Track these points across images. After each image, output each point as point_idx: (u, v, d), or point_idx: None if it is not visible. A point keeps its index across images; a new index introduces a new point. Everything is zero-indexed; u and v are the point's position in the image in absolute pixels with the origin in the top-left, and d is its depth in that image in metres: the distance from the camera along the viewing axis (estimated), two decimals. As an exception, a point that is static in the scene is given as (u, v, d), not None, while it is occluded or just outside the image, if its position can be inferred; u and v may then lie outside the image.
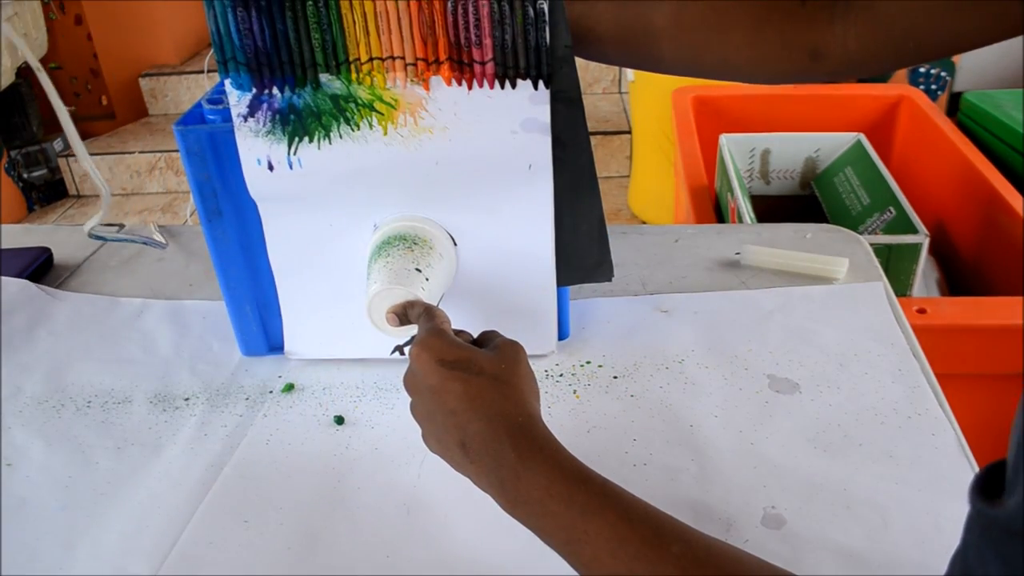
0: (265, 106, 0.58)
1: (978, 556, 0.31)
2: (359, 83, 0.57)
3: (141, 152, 2.98)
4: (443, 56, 0.56)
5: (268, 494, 0.60)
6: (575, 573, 0.44)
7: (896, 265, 1.22)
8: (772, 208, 1.61)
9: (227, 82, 0.58)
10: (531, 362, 0.70)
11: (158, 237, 0.61)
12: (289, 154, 0.60)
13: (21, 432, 0.66)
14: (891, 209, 1.34)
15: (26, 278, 0.85)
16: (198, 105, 0.65)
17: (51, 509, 0.59)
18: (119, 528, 0.58)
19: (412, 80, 0.57)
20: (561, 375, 0.69)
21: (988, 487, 0.30)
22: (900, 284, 1.24)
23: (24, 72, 2.81)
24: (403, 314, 0.58)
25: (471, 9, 0.54)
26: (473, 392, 0.48)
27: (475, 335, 0.56)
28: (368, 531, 0.57)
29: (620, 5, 0.56)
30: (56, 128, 3.02)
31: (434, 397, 0.50)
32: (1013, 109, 1.61)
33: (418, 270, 0.60)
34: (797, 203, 1.65)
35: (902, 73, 1.99)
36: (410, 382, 0.52)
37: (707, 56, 0.57)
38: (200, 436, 0.65)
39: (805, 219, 0.94)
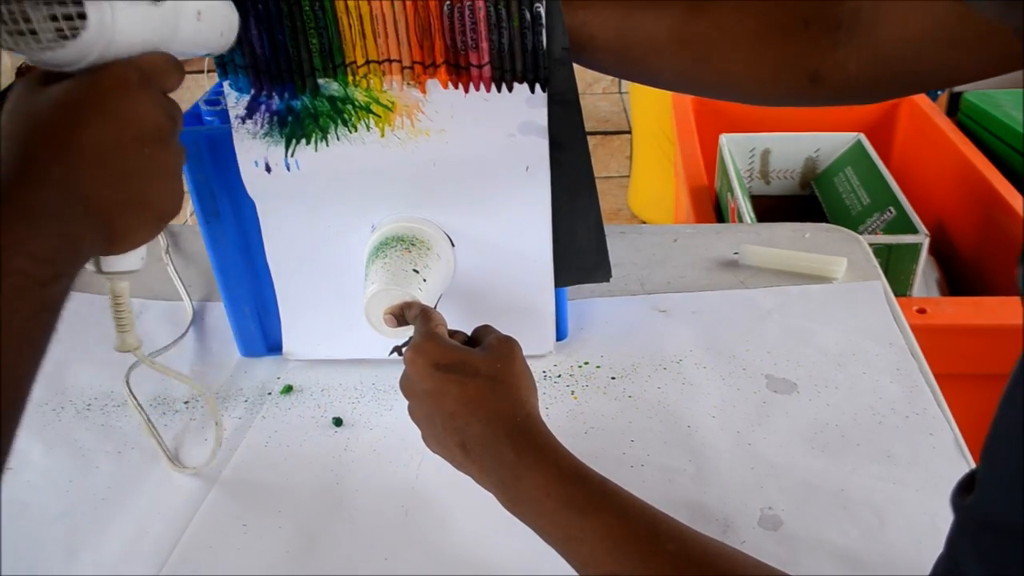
0: (263, 107, 0.58)
1: (956, 551, 0.31)
2: (356, 85, 0.57)
3: (142, 153, 2.97)
4: (439, 59, 0.56)
5: (267, 497, 0.60)
6: (573, 573, 0.44)
7: (896, 265, 1.22)
8: (772, 208, 1.61)
9: (225, 83, 0.58)
10: (529, 363, 0.71)
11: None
12: (287, 156, 0.60)
13: (21, 435, 0.66)
14: (891, 209, 1.34)
15: (26, 280, 0.85)
16: (196, 106, 0.65)
17: (52, 514, 0.59)
18: (120, 532, 0.58)
19: (409, 83, 0.57)
20: (559, 376, 0.69)
21: (968, 487, 0.31)
22: (900, 284, 1.24)
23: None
24: (400, 315, 0.58)
25: (467, 12, 0.54)
26: (470, 395, 0.48)
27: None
28: (367, 532, 0.57)
29: (623, 17, 0.57)
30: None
31: (431, 401, 0.50)
32: (1013, 109, 1.60)
33: (416, 271, 0.60)
34: (797, 203, 1.64)
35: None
36: (407, 387, 0.53)
37: (707, 73, 0.57)
38: (200, 440, 0.65)
39: (805, 219, 0.94)
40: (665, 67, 0.58)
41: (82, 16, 0.39)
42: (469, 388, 0.49)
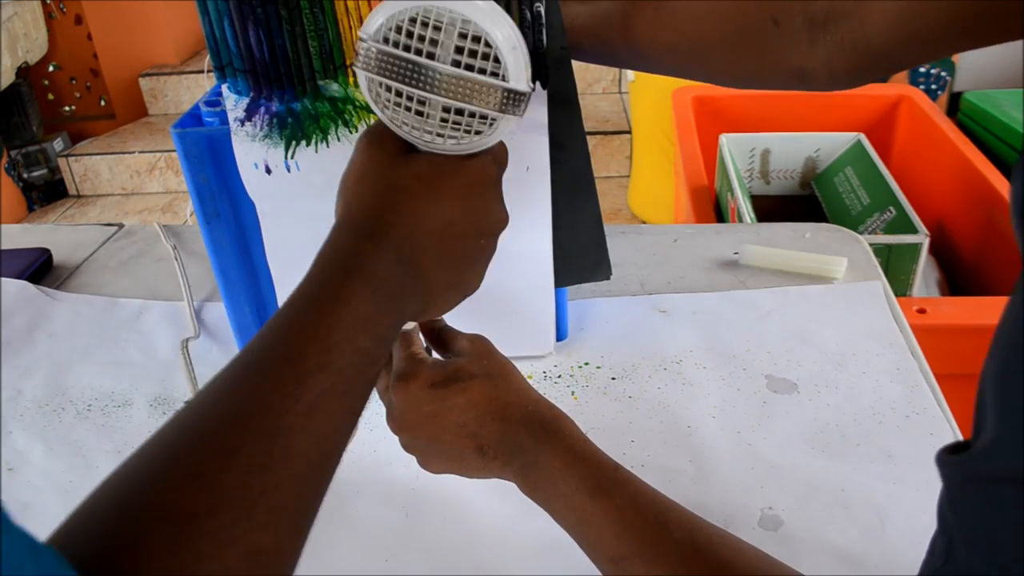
0: (262, 110, 0.58)
1: (955, 510, 0.30)
2: (356, 86, 0.57)
3: (141, 152, 2.98)
4: (440, 59, 0.56)
5: (267, 496, 0.60)
6: (574, 573, 0.45)
7: (896, 265, 1.22)
8: (772, 208, 1.61)
9: (224, 86, 0.58)
10: (529, 363, 0.70)
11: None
12: (287, 157, 0.60)
13: (22, 436, 0.67)
14: (891, 209, 1.34)
15: (26, 279, 0.85)
16: (196, 107, 0.65)
17: (52, 514, 0.59)
18: (118, 530, 0.58)
19: (409, 83, 0.57)
20: (559, 376, 0.69)
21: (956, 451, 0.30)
22: (900, 284, 1.24)
23: (24, 72, 2.81)
24: None
25: (468, 12, 0.54)
26: (475, 398, 0.48)
27: (472, 335, 0.56)
28: (367, 534, 0.57)
29: (599, 27, 0.57)
30: (56, 128, 3.02)
31: (437, 421, 0.49)
32: (1013, 109, 1.61)
33: (416, 272, 0.60)
34: (797, 203, 1.65)
35: (902, 73, 1.99)
36: (401, 420, 0.50)
37: (696, 72, 0.57)
38: (199, 438, 0.65)
39: (805, 219, 0.94)
40: (652, 67, 0.58)
41: (484, 120, 0.42)
42: (473, 392, 0.48)
